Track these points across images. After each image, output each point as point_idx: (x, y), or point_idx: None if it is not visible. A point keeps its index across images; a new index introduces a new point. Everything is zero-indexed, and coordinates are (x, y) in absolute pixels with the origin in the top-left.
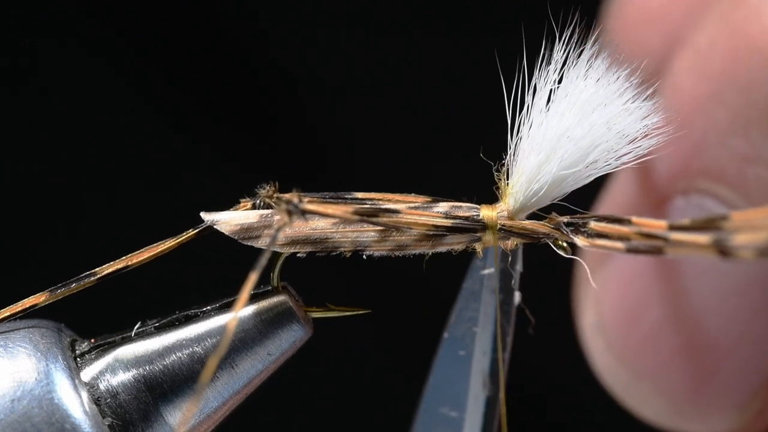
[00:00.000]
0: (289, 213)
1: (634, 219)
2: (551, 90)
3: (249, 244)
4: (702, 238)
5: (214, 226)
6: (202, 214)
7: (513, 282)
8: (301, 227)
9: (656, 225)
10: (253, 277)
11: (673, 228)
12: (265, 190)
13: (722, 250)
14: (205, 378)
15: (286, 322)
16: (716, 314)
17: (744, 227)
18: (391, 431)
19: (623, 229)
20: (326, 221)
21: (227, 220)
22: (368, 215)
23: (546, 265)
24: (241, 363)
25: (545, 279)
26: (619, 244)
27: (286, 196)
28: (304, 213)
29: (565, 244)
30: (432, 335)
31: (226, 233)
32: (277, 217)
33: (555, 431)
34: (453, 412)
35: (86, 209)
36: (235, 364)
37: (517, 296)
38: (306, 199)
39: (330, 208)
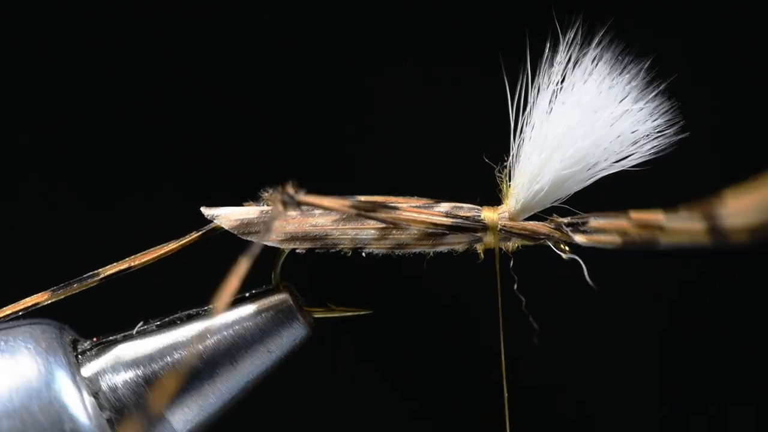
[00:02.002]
0: (284, 204)
1: (632, 214)
2: (554, 91)
3: (249, 239)
4: (696, 224)
5: (214, 221)
6: (203, 209)
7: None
8: (301, 223)
9: (653, 217)
10: (243, 266)
11: (668, 218)
12: (267, 195)
13: (716, 234)
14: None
15: (287, 320)
16: None
17: (737, 211)
18: (390, 431)
19: (621, 222)
20: (326, 218)
21: (227, 215)
22: (366, 210)
23: (546, 266)
24: (241, 361)
25: (544, 280)
26: (616, 238)
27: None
28: (299, 204)
29: (566, 247)
30: (431, 335)
31: (226, 228)
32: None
33: (554, 430)
34: None
35: (86, 210)
36: (235, 361)
37: None
38: (302, 193)
39: (326, 201)
